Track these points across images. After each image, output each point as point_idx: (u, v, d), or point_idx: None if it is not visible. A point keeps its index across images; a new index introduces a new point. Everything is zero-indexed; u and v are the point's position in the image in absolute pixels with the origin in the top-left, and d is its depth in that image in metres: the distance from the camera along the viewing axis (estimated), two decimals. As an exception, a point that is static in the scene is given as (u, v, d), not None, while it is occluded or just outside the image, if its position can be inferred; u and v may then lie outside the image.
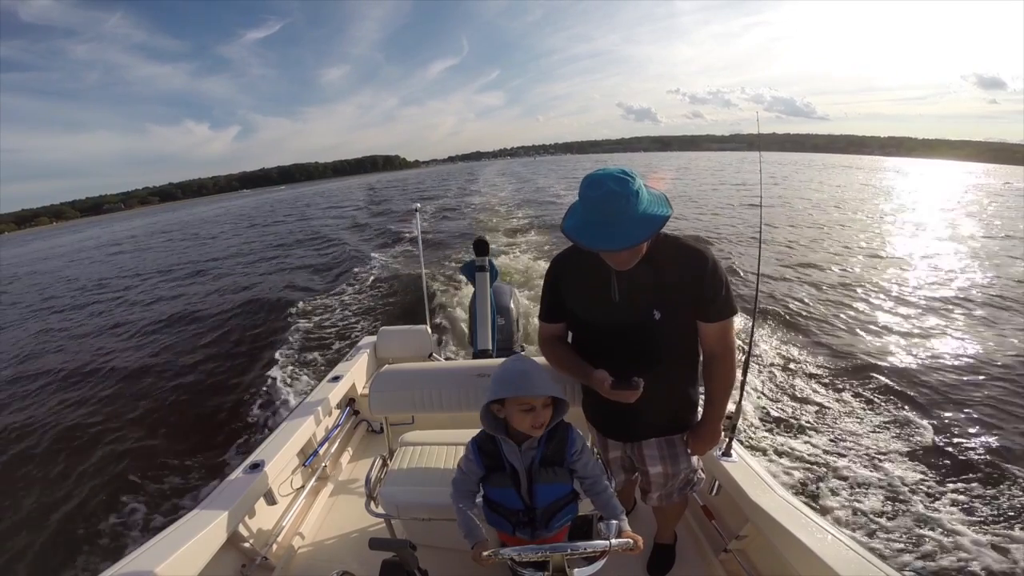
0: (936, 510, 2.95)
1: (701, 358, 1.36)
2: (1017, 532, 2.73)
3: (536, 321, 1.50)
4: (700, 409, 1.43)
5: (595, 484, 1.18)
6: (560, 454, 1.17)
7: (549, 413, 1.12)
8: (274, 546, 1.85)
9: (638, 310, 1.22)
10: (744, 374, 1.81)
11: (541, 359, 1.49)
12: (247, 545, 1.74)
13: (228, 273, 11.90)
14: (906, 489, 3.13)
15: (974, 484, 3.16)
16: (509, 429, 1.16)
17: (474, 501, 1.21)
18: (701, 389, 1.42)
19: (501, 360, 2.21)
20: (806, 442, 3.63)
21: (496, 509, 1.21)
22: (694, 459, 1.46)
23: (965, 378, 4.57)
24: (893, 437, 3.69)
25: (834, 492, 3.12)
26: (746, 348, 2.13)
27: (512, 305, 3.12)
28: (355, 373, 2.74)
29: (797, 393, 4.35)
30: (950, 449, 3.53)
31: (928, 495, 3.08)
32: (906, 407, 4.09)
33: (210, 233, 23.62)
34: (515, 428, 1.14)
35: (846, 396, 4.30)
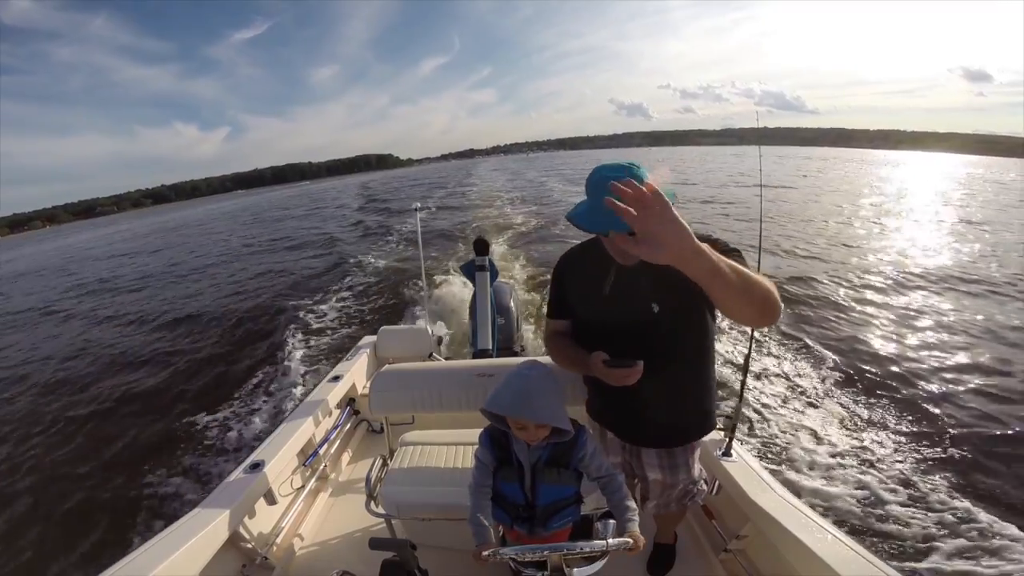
0: (937, 509, 2.95)
1: (707, 359, 1.31)
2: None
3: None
4: (709, 420, 1.38)
5: (609, 483, 1.17)
6: (568, 456, 1.16)
7: (545, 432, 1.11)
8: (274, 546, 1.85)
9: (630, 305, 1.20)
10: (744, 374, 1.81)
11: (545, 358, 1.50)
12: (247, 545, 1.74)
13: (226, 273, 11.90)
14: (907, 488, 3.14)
15: (977, 482, 3.16)
16: None
17: (489, 498, 1.20)
18: (713, 394, 1.36)
19: (501, 360, 2.21)
20: (807, 441, 3.63)
21: (499, 501, 1.21)
22: (695, 469, 1.43)
23: (969, 372, 4.58)
24: (894, 433, 3.69)
25: (834, 491, 3.12)
26: (746, 349, 2.13)
27: (512, 304, 3.13)
28: (355, 373, 2.74)
29: (798, 392, 4.35)
30: (951, 444, 3.54)
31: (929, 494, 3.08)
32: (907, 402, 4.10)
33: (207, 233, 23.67)
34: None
35: (847, 394, 4.30)
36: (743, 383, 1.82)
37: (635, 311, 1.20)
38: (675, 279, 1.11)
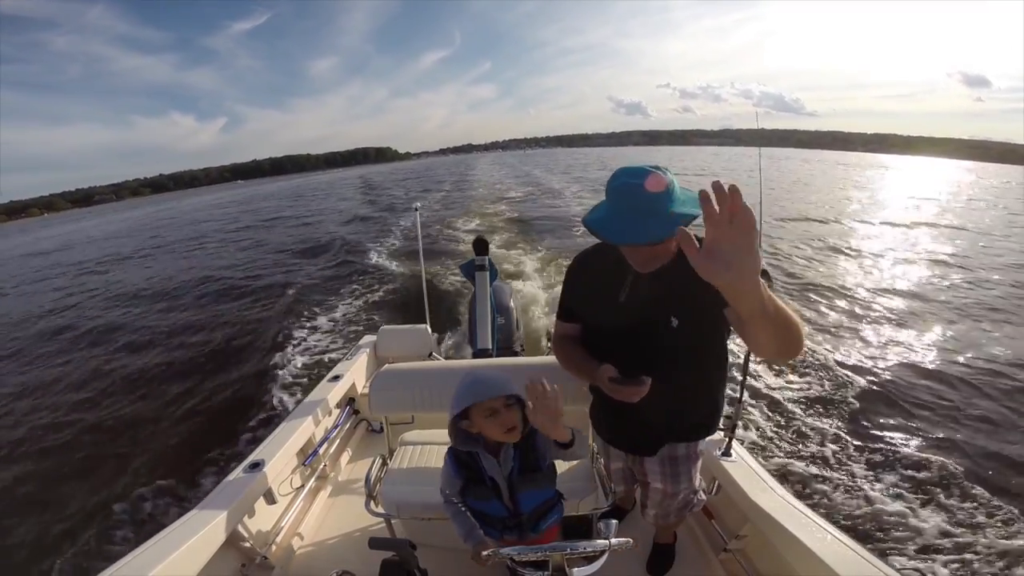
0: (938, 508, 2.95)
1: (720, 371, 1.29)
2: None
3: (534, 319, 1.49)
4: (712, 426, 1.37)
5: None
6: (535, 457, 1.15)
7: (516, 415, 1.09)
8: (274, 546, 1.84)
9: (647, 315, 1.16)
10: (744, 374, 1.81)
11: (531, 359, 1.48)
12: (247, 545, 1.74)
13: (225, 272, 11.88)
14: (907, 487, 3.14)
15: (979, 482, 3.16)
16: (486, 441, 1.14)
17: (462, 508, 1.21)
18: (720, 402, 1.36)
19: (501, 360, 2.21)
20: (807, 442, 3.63)
21: (480, 517, 1.20)
22: (696, 479, 1.43)
23: (970, 373, 4.59)
24: (893, 432, 3.70)
25: (834, 491, 3.12)
26: (745, 348, 2.13)
27: (512, 304, 3.12)
28: (355, 372, 2.74)
29: (798, 392, 4.35)
30: (952, 446, 3.54)
31: (929, 494, 3.09)
32: (906, 400, 4.10)
33: (203, 229, 23.67)
34: (491, 439, 1.12)
35: (848, 393, 4.30)
36: (743, 383, 1.82)
37: (652, 323, 1.15)
38: (696, 292, 1.02)
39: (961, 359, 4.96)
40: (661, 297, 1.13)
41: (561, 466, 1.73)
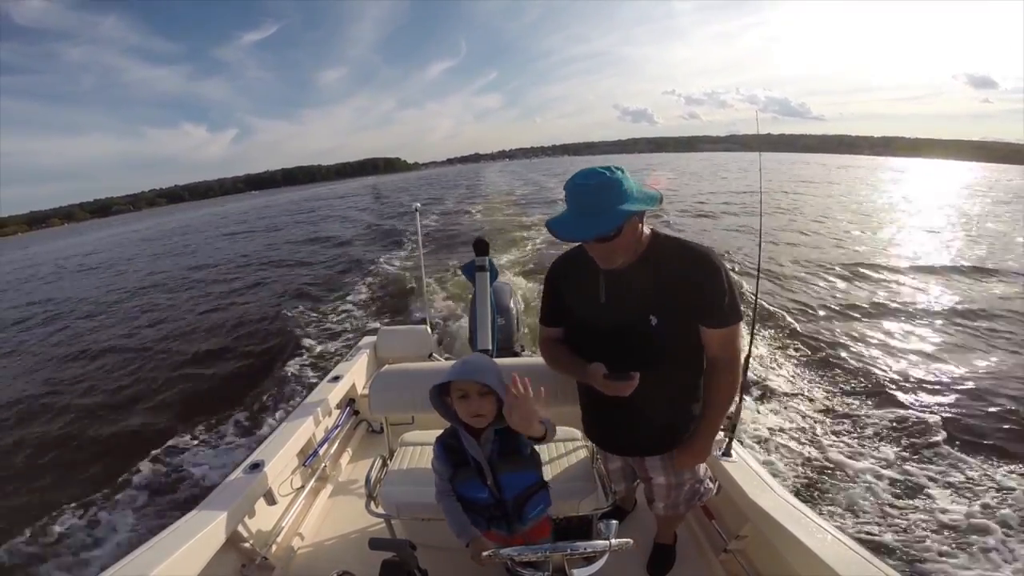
0: (937, 508, 2.95)
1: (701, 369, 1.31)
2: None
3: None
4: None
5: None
6: (515, 443, 1.19)
7: (488, 406, 1.12)
8: (274, 546, 1.85)
9: (628, 313, 1.20)
10: (744, 374, 1.81)
11: (531, 359, 1.49)
12: (247, 545, 1.74)
13: (228, 272, 11.89)
14: (906, 489, 3.13)
15: (977, 482, 3.16)
16: (466, 424, 1.18)
17: (456, 500, 1.23)
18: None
19: (501, 360, 2.21)
20: (807, 442, 3.63)
21: (468, 506, 1.23)
22: (700, 469, 1.43)
23: (969, 372, 4.58)
24: (895, 433, 3.69)
25: (834, 491, 3.12)
26: (746, 347, 2.12)
27: (512, 305, 3.12)
28: (355, 373, 2.74)
29: (797, 392, 4.35)
30: (952, 444, 3.54)
31: (929, 493, 3.08)
32: (908, 403, 4.10)
33: (215, 234, 23.80)
34: (462, 419, 1.17)
35: (847, 393, 4.30)
36: (743, 383, 1.81)
37: (632, 322, 1.20)
38: (673, 291, 1.16)
39: (975, 363, 4.94)
40: (639, 296, 1.19)
41: (560, 465, 1.73)
